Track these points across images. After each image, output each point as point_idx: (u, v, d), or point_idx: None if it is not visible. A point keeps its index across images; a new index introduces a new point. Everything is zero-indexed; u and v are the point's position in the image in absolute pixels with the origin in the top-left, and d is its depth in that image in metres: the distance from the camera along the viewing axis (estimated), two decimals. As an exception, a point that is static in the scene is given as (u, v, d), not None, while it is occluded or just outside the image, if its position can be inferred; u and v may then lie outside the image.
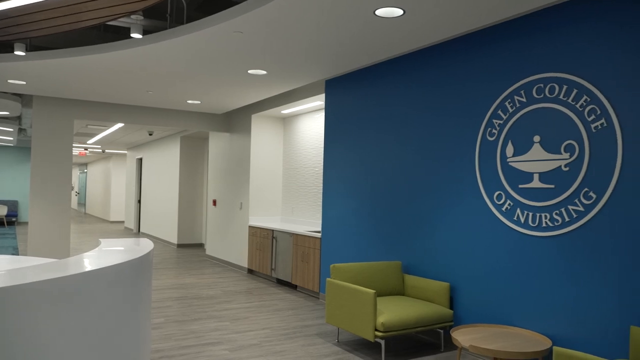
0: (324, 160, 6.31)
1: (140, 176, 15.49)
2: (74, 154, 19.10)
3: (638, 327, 3.04)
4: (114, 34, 6.40)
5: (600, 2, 3.37)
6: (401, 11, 3.83)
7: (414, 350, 4.39)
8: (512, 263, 3.91)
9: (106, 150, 17.68)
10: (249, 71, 5.84)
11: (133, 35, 4.91)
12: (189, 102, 7.96)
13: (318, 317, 5.46)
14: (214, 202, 9.60)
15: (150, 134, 12.25)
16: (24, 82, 6.70)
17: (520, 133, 3.88)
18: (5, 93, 8.34)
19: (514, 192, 3.91)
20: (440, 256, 4.57)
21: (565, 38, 3.58)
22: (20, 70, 6.02)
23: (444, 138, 4.58)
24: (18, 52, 5.29)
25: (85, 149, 17.37)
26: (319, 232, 6.73)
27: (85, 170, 26.60)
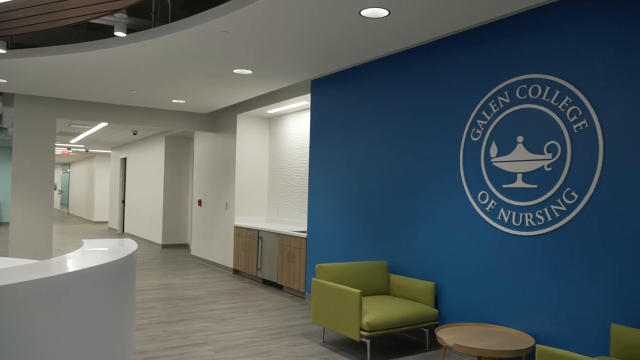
0: (309, 160, 6.31)
1: (124, 176, 15.35)
2: (57, 153, 18.85)
3: (618, 324, 3.09)
4: (98, 32, 6.33)
5: (581, 5, 3.42)
6: (386, 12, 3.84)
7: (399, 350, 4.41)
8: (496, 262, 3.95)
9: (90, 150, 17.48)
10: (235, 70, 5.82)
11: (117, 33, 4.87)
12: (174, 101, 7.90)
13: (304, 317, 5.46)
14: (199, 202, 9.54)
15: (134, 134, 12.14)
16: (5, 81, 6.59)
17: (504, 133, 3.92)
18: (-14, 91, 8.20)
19: (497, 192, 3.95)
20: (425, 256, 4.60)
21: (548, 40, 3.63)
22: (1, 68, 5.93)
23: (429, 138, 4.61)
24: (-1, 50, 5.21)
25: (68, 149, 17.15)
26: (304, 232, 6.73)
27: (68, 170, 26.27)
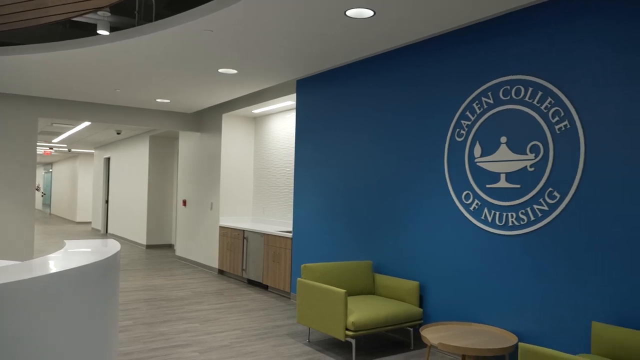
0: (295, 160, 6.30)
1: (108, 176, 15.18)
2: (39, 153, 18.58)
3: (599, 322, 3.14)
4: (80, 30, 6.26)
5: (563, 8, 3.47)
6: (371, 12, 3.85)
7: (384, 349, 4.43)
8: (480, 261, 3.99)
9: (72, 150, 17.26)
10: (220, 70, 5.79)
11: (100, 32, 4.82)
12: (158, 100, 7.84)
13: (289, 317, 5.45)
14: (184, 202, 9.48)
15: (118, 133, 12.02)
16: (-15, 79, 6.49)
17: (488, 134, 3.95)
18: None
19: (481, 191, 3.99)
20: (410, 255, 4.62)
21: (530, 42, 3.67)
22: (-20, 67, 5.83)
23: (414, 138, 4.63)
24: (-22, 48, 5.12)
25: (51, 148, 16.92)
26: (290, 232, 6.72)
27: (51, 170, 25.91)
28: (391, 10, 3.81)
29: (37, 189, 28.72)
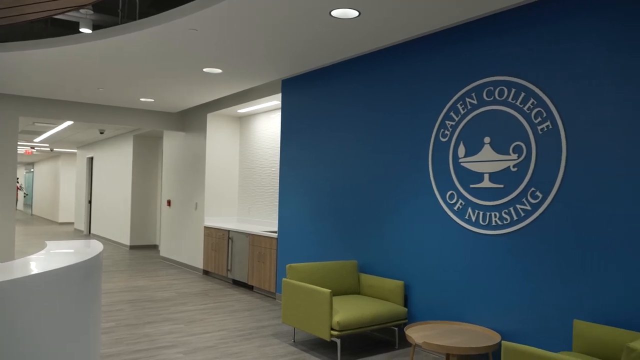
0: (280, 160, 6.29)
1: (91, 176, 15.01)
2: (20, 152, 18.30)
3: (580, 320, 3.19)
4: (62, 28, 6.17)
5: (546, 9, 3.51)
6: (356, 13, 3.86)
7: (370, 348, 4.44)
8: (465, 261, 4.02)
9: (55, 149, 17.03)
10: (204, 69, 5.75)
11: (82, 30, 4.76)
12: (142, 100, 7.77)
13: (274, 318, 5.44)
14: (168, 203, 9.40)
15: (101, 133, 11.88)
16: (-36, 77, 6.37)
17: (472, 134, 3.99)
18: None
19: (465, 191, 4.02)
20: (395, 255, 4.64)
21: (513, 43, 3.71)
22: (-41, 64, 5.72)
23: (399, 138, 4.65)
24: (-43, 45, 5.02)
25: (32, 148, 16.67)
26: (275, 232, 6.71)
27: (32, 170, 25.53)
28: (376, 11, 3.82)
29: (19, 188, 28.29)
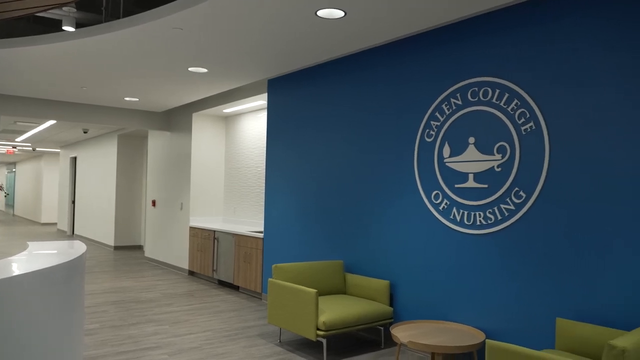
0: (266, 160, 6.27)
1: (74, 176, 14.83)
2: (1, 152, 18.01)
3: (563, 318, 3.23)
4: (45, 26, 6.09)
5: (529, 10, 3.55)
6: (342, 13, 3.87)
7: (355, 348, 4.45)
8: (450, 260, 4.05)
9: (37, 149, 16.79)
10: (190, 69, 5.72)
11: (65, 28, 4.70)
12: (127, 99, 7.69)
13: (260, 318, 5.43)
14: (153, 203, 9.33)
15: (85, 132, 11.75)
16: (-56, 75, 6.25)
17: (456, 134, 4.02)
18: None
19: (450, 191, 4.05)
20: (381, 255, 4.66)
21: (497, 44, 3.74)
22: (-62, 62, 5.62)
23: (385, 139, 4.67)
24: (-64, 43, 4.93)
25: (14, 147, 16.42)
26: (261, 232, 6.69)
27: (14, 170, 25.15)
28: (362, 11, 3.83)
29: (0, 189, 27.86)
